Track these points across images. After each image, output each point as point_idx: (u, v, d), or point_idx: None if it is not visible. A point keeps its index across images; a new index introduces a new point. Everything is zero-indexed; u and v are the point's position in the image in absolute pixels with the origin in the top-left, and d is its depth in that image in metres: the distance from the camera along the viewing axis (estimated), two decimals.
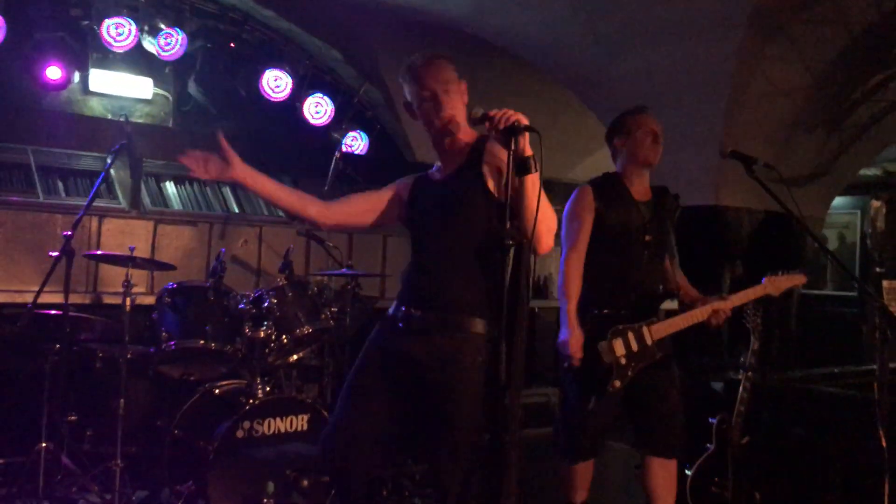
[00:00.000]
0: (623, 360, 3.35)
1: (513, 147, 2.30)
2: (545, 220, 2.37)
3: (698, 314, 3.48)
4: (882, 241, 9.42)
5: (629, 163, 3.52)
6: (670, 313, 3.57)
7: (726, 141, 4.99)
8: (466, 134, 2.65)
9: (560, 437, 3.59)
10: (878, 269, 9.34)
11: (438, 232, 2.60)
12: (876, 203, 9.41)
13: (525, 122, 2.31)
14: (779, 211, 3.44)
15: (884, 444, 2.93)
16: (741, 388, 4.16)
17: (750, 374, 4.16)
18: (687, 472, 3.93)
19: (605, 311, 3.40)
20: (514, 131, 2.30)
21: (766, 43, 4.83)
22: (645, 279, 3.50)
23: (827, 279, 9.31)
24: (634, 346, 3.38)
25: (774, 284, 3.60)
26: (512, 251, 2.34)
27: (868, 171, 8.75)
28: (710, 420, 4.04)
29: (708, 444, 4.02)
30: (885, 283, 10.11)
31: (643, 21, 4.92)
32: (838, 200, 7.70)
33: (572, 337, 3.32)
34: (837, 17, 4.74)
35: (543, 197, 2.36)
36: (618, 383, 3.35)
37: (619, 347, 3.36)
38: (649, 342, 3.41)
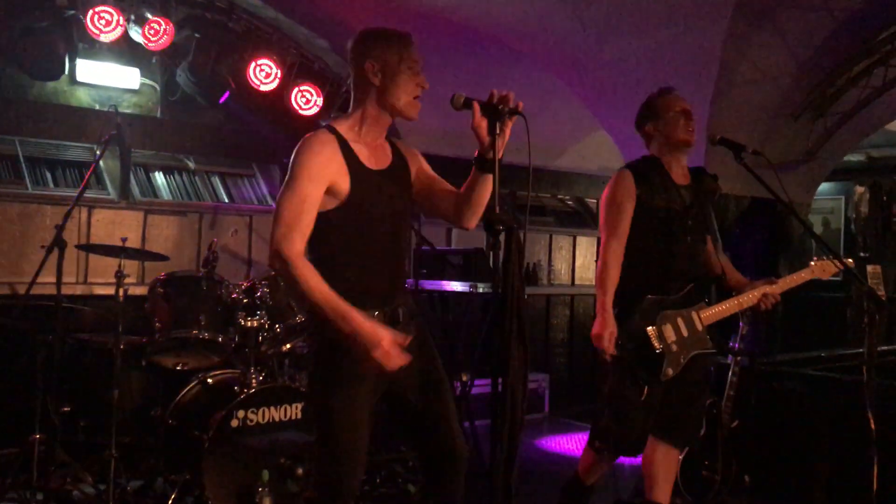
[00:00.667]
0: (675, 347, 3.25)
1: (497, 131, 2.34)
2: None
3: (748, 298, 3.43)
4: (866, 226, 9.52)
5: (665, 146, 3.41)
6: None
7: (712, 127, 5.03)
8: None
9: (609, 430, 3.37)
10: (861, 254, 9.45)
11: (387, 230, 2.57)
12: (860, 189, 9.50)
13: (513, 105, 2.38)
14: (765, 197, 3.48)
15: (872, 426, 2.98)
16: (730, 372, 4.22)
17: (739, 358, 4.21)
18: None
19: (652, 296, 3.27)
20: (499, 115, 2.34)
21: (752, 30, 4.88)
22: (689, 264, 3.40)
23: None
24: (685, 332, 3.29)
25: (821, 268, 3.59)
26: (503, 236, 2.30)
27: (852, 157, 8.83)
28: None
29: (697, 432, 4.06)
30: (868, 268, 10.23)
31: (630, 7, 4.94)
32: (823, 186, 7.77)
33: (606, 330, 3.16)
34: (823, 5, 4.79)
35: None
36: (671, 371, 3.23)
37: (669, 333, 3.26)
38: (700, 328, 3.35)
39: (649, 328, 3.24)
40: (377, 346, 2.29)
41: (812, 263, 3.61)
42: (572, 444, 6.07)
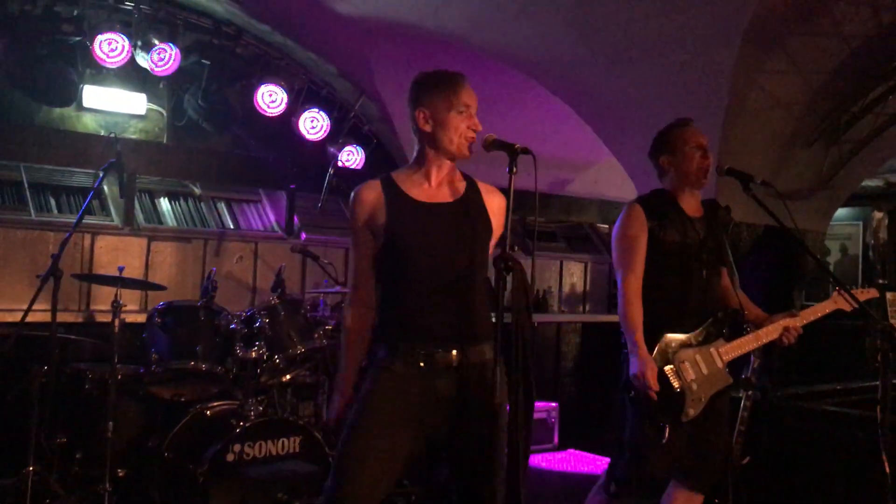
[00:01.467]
0: (695, 386, 3.15)
1: (514, 170, 2.44)
2: None
3: (769, 333, 3.32)
4: (884, 252, 9.37)
5: (679, 181, 3.32)
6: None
7: (723, 155, 4.94)
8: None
9: (629, 474, 3.24)
10: (880, 281, 9.28)
11: (439, 261, 2.52)
12: (878, 214, 9.35)
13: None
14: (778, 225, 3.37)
15: (887, 469, 2.85)
16: (742, 406, 4.10)
17: (750, 392, 4.09)
18: None
19: (669, 334, 3.17)
20: (513, 153, 2.45)
21: (763, 56, 4.80)
22: (706, 299, 3.29)
23: (829, 291, 9.23)
24: (704, 370, 3.18)
25: (844, 299, 3.43)
26: (509, 274, 2.34)
27: (870, 183, 8.70)
28: None
29: (719, 472, 3.93)
30: (888, 295, 10.04)
31: (639, 34, 4.88)
32: (840, 212, 7.64)
33: (647, 368, 3.05)
34: (835, 30, 4.71)
35: None
36: (692, 411, 3.12)
37: (688, 372, 3.16)
38: (720, 364, 3.23)
39: (667, 367, 3.13)
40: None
41: (835, 294, 3.48)
42: (583, 475, 5.94)
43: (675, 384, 3.11)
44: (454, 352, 2.49)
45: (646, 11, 4.68)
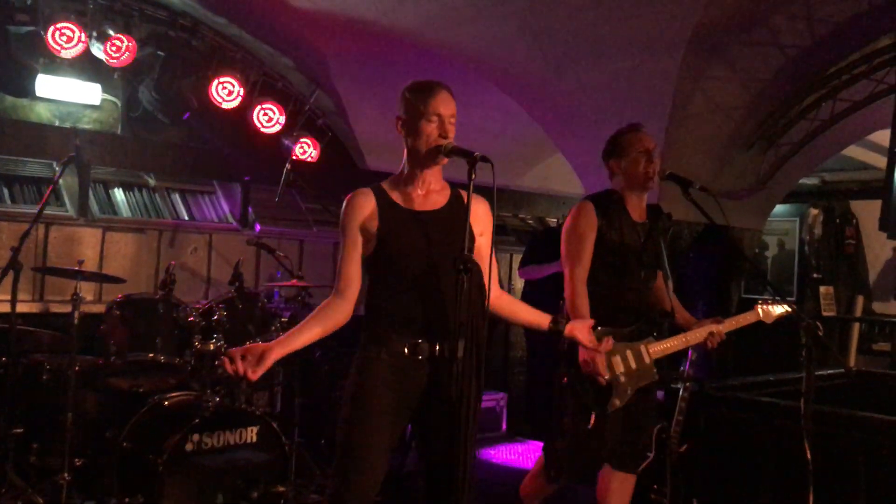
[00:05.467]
0: (623, 379, 3.35)
1: (473, 176, 2.55)
2: None
3: (695, 336, 3.54)
4: (819, 248, 9.75)
5: (627, 184, 3.51)
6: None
7: (667, 157, 5.14)
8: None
9: (564, 458, 3.48)
10: (815, 276, 9.67)
11: (423, 263, 2.67)
12: (814, 211, 9.73)
13: None
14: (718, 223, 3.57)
15: (808, 456, 3.08)
16: (679, 397, 4.31)
17: (688, 384, 4.31)
18: None
19: (602, 327, 3.30)
20: (472, 161, 2.53)
21: (705, 63, 5.01)
22: (640, 299, 3.52)
23: (764, 286, 9.58)
24: (633, 365, 3.39)
25: (766, 312, 3.71)
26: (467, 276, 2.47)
27: (807, 181, 9.05)
28: None
29: (647, 453, 4.15)
30: (822, 289, 10.37)
31: (588, 38, 5.05)
32: (778, 208, 7.95)
33: (596, 355, 3.21)
34: (773, 40, 4.94)
35: None
36: (618, 402, 3.33)
37: (618, 365, 3.35)
38: (647, 361, 3.44)
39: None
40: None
41: (757, 307, 3.73)
42: (528, 462, 6.13)
43: (605, 375, 3.29)
44: (434, 344, 2.67)
45: (594, 19, 4.85)
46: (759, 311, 3.72)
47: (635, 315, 3.48)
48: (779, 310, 3.74)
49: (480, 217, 2.82)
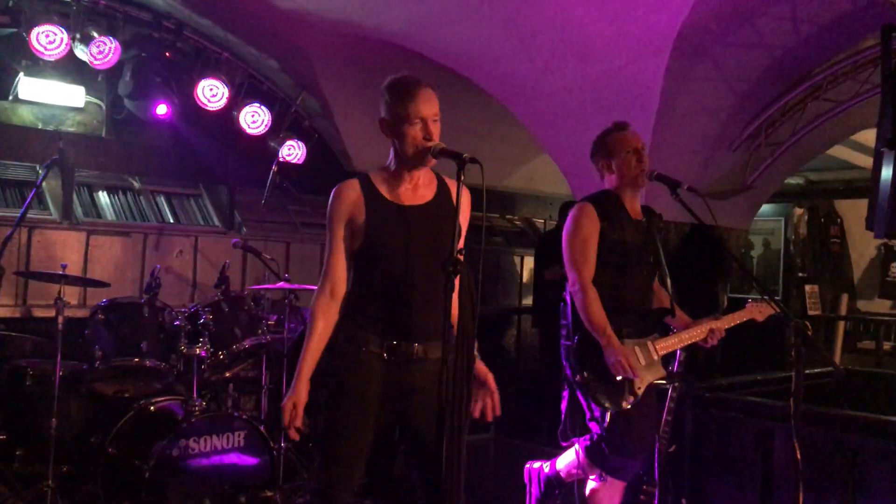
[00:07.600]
0: (640, 373, 3.35)
1: (461, 178, 2.52)
2: None
3: (696, 333, 3.54)
4: (804, 246, 9.81)
5: (619, 183, 3.50)
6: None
7: (653, 157, 5.14)
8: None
9: (622, 441, 3.43)
10: (800, 275, 9.72)
11: (418, 260, 2.64)
12: (799, 211, 9.79)
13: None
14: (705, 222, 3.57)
15: (798, 455, 3.07)
16: (668, 397, 4.31)
17: (677, 384, 4.31)
18: None
19: (626, 333, 3.35)
20: (461, 162, 2.50)
21: (691, 64, 5.02)
22: (643, 297, 3.52)
23: (751, 286, 9.61)
24: (643, 361, 3.39)
25: (758, 309, 3.71)
26: (456, 277, 2.42)
27: (792, 181, 9.09)
28: None
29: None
30: (807, 288, 10.39)
31: (574, 39, 5.05)
32: (764, 208, 7.98)
33: (622, 356, 3.23)
34: (759, 42, 4.96)
35: None
36: (631, 398, 3.34)
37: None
38: (655, 357, 3.45)
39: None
40: None
41: (748, 305, 3.73)
42: (518, 465, 6.11)
43: (638, 376, 3.30)
44: (416, 345, 2.63)
45: (581, 20, 4.86)
46: (752, 309, 3.72)
47: (639, 313, 3.48)
48: (769, 308, 3.74)
49: (464, 209, 2.77)
